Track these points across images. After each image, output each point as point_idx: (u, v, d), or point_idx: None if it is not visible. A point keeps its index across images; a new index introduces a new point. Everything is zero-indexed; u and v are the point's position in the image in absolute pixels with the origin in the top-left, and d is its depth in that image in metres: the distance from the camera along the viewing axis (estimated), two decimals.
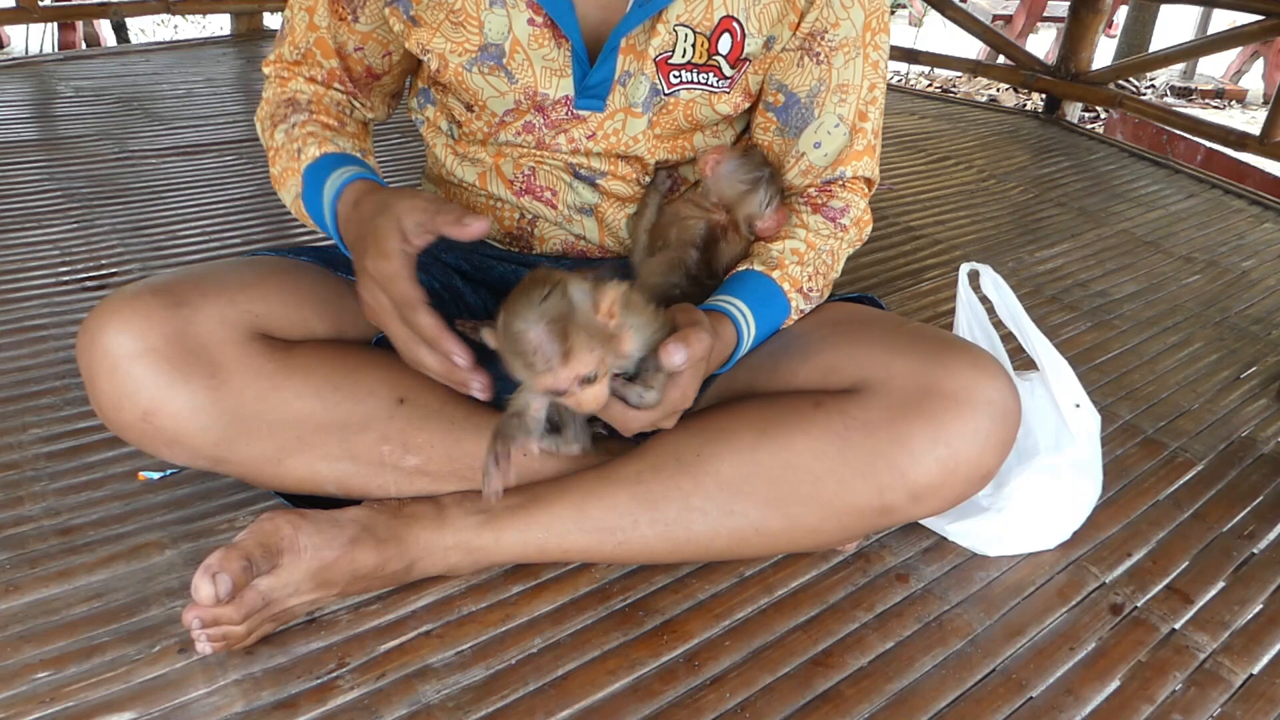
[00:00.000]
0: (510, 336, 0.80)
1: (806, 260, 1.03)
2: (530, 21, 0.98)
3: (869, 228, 1.11)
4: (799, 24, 1.02)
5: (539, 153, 1.08)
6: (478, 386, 0.86)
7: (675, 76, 1.01)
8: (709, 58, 1.00)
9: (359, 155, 1.02)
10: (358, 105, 1.10)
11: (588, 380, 0.82)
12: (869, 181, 1.10)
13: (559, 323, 0.79)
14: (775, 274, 1.01)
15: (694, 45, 0.99)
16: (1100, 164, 2.70)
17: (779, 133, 1.07)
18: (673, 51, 0.99)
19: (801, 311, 1.05)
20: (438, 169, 1.16)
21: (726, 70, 1.02)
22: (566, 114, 1.03)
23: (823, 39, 1.02)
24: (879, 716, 0.92)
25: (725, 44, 1.00)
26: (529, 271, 0.83)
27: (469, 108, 1.06)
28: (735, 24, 0.99)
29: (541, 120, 1.05)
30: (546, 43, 0.99)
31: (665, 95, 1.02)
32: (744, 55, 1.01)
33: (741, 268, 1.02)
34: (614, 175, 1.08)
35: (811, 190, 1.08)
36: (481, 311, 1.10)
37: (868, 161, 1.08)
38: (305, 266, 1.03)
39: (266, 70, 1.09)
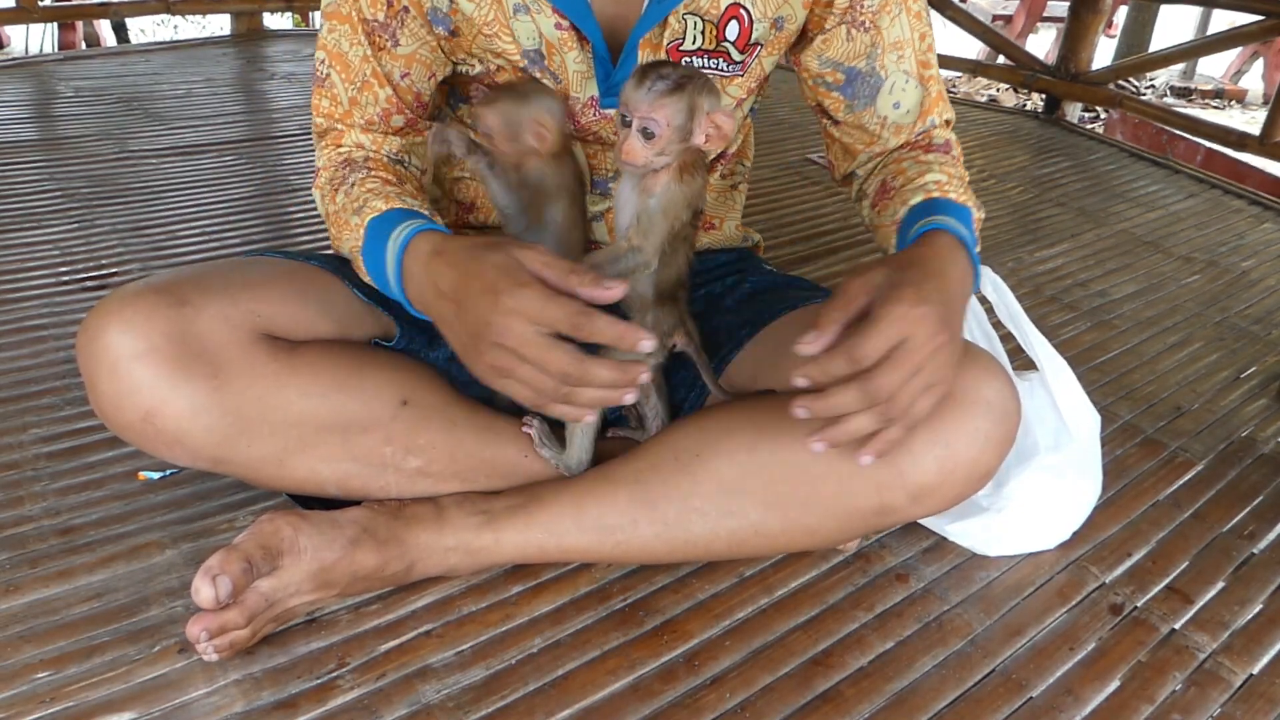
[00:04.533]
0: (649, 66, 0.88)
1: (953, 184, 1.01)
2: (557, 26, 0.98)
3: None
4: (830, 1, 1.02)
5: None
6: (649, 344, 0.80)
7: (686, 63, 1.01)
8: (718, 44, 1.01)
9: (426, 213, 0.94)
10: (412, 159, 1.05)
11: (648, 134, 0.87)
12: (949, 122, 1.11)
13: (687, 83, 0.87)
14: (935, 193, 0.99)
15: (703, 32, 1.00)
16: (1100, 164, 2.70)
17: (849, 109, 1.08)
18: (683, 38, 1.00)
19: (979, 220, 1.01)
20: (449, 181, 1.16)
21: (735, 56, 1.03)
22: (595, 115, 1.04)
23: (862, 6, 1.02)
24: (879, 716, 0.92)
25: (733, 30, 1.01)
26: None
27: None
28: (742, 10, 1.00)
29: (572, 128, 1.05)
30: (573, 45, 0.99)
31: None
32: (752, 40, 1.02)
33: (899, 214, 1.00)
34: None
35: (907, 147, 1.09)
36: None
37: (945, 105, 1.10)
38: (309, 268, 1.03)
39: (318, 120, 1.03)
